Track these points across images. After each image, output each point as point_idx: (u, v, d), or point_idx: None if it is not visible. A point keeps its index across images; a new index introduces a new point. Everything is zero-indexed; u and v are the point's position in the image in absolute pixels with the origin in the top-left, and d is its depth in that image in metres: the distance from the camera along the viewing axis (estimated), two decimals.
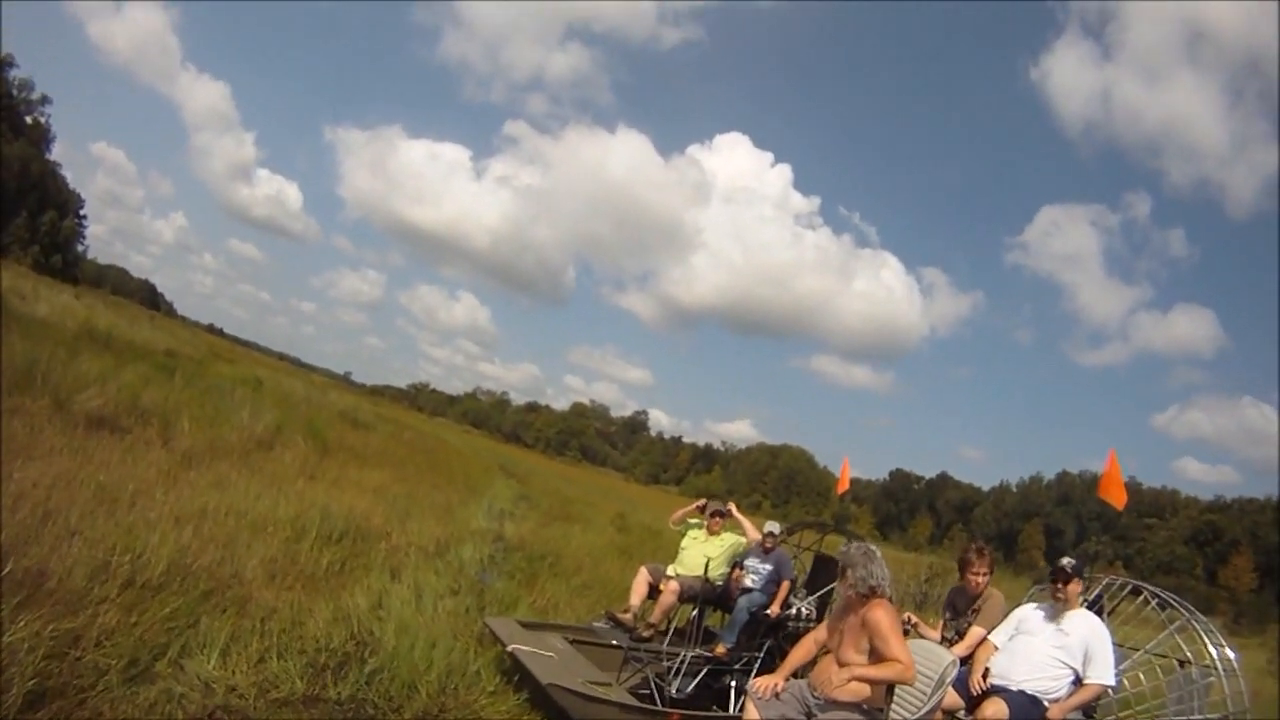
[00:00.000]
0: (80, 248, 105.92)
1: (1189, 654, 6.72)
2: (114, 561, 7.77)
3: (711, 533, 10.98)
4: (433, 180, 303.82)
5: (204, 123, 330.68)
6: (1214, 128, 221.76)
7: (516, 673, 8.73)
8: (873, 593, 5.62)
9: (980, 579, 7.47)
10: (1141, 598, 7.18)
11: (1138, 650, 7.01)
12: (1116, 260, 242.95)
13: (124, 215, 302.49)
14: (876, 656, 5.36)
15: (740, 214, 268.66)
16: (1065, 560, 6.79)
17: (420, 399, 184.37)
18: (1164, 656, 6.92)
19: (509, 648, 8.68)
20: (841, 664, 5.59)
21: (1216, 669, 6.46)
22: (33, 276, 42.44)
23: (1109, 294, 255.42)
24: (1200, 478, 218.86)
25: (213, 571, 8.88)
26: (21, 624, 5.83)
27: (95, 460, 11.34)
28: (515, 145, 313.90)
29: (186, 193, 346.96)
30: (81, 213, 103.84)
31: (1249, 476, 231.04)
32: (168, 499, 10.79)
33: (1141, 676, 6.98)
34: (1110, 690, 6.49)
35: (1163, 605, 6.99)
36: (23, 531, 7.54)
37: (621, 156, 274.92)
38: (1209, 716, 6.46)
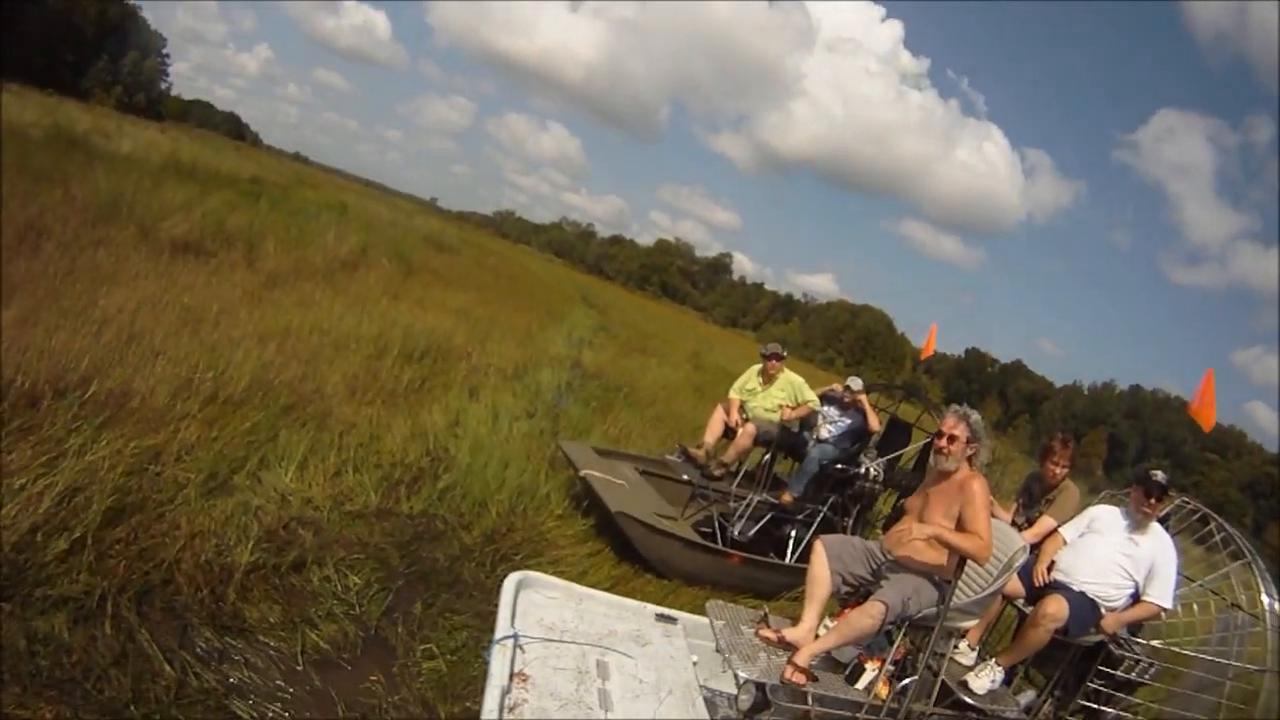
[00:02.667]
0: (164, 85, 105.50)
1: (1243, 599, 6.60)
2: (196, 378, 7.96)
3: (767, 379, 10.64)
4: (526, 9, 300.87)
5: None
6: None
7: (585, 498, 8.95)
8: (970, 461, 5.57)
9: (1060, 469, 7.32)
10: (1208, 529, 7.04)
11: (1195, 582, 6.91)
12: (1228, 182, 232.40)
13: (207, 51, 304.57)
14: (962, 527, 5.39)
15: (844, 65, 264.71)
16: (1160, 474, 6.61)
17: (505, 226, 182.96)
18: (1218, 594, 6.81)
19: (581, 472, 8.82)
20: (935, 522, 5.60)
21: (1265, 619, 6.34)
22: (116, 115, 42.33)
23: (1214, 214, 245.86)
24: (1269, 426, 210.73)
25: (294, 387, 9.06)
26: (104, 443, 6.00)
27: (180, 284, 11.46)
28: None
29: (271, 25, 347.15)
30: (164, 51, 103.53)
31: None
32: (252, 318, 10.97)
33: (1195, 608, 6.88)
34: (1163, 614, 6.48)
35: (1226, 542, 6.85)
36: (108, 354, 7.66)
37: None
38: (1247, 666, 6.37)
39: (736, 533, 9.53)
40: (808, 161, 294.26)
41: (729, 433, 10.33)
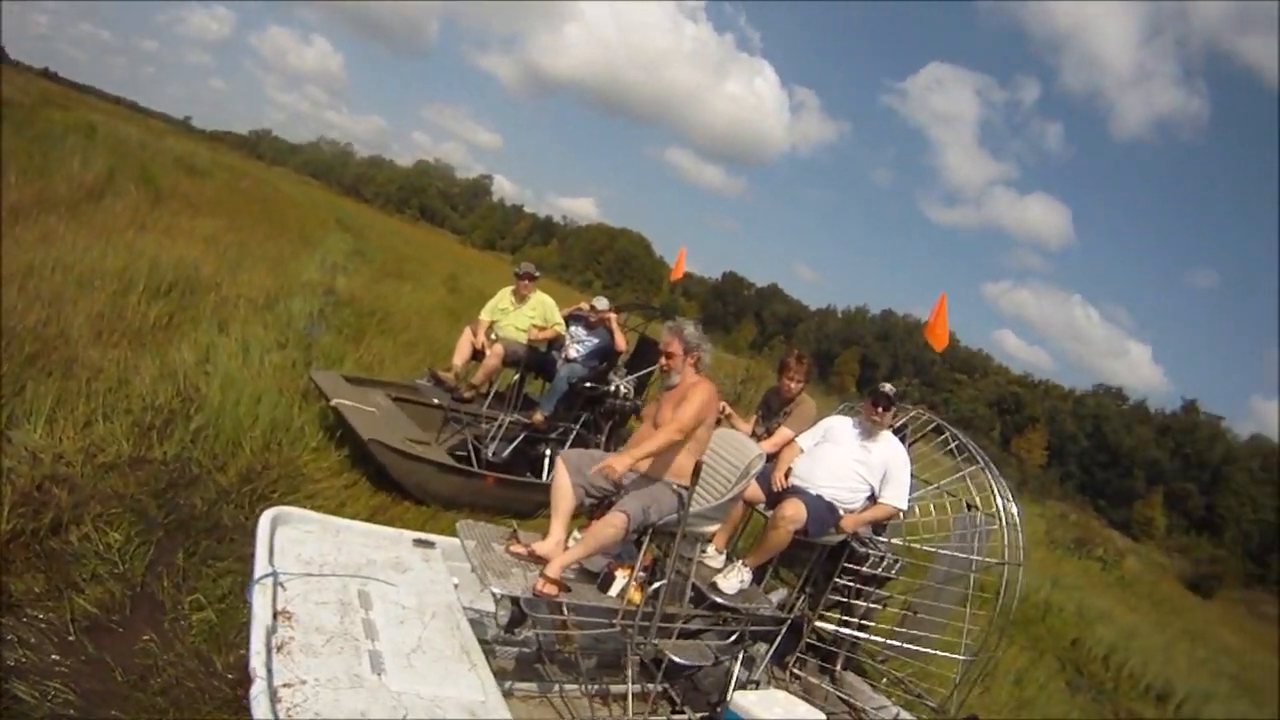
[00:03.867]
0: None
1: (977, 500, 7.06)
2: None
3: (520, 299, 11.02)
4: None
5: None
6: (1121, 49, 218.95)
7: (339, 428, 9.03)
8: (696, 366, 5.87)
9: (794, 384, 7.78)
10: (943, 438, 7.50)
11: (931, 485, 7.35)
12: (990, 132, 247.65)
13: None
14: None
15: None
16: (888, 386, 6.98)
17: (261, 146, 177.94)
18: (954, 496, 7.24)
19: (333, 402, 8.93)
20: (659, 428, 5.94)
21: (1000, 519, 6.82)
22: None
23: (974, 161, 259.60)
24: (1016, 353, 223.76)
25: (38, 333, 8.86)
26: None
27: None
28: None
29: None
30: None
31: (1061, 365, 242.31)
32: None
33: (932, 509, 7.27)
34: (901, 514, 6.93)
35: (960, 450, 7.29)
36: None
37: None
38: (987, 559, 6.89)
39: (490, 454, 9.87)
40: (577, 85, 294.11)
41: (479, 355, 10.60)
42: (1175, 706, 15.26)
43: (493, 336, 10.69)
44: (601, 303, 10.95)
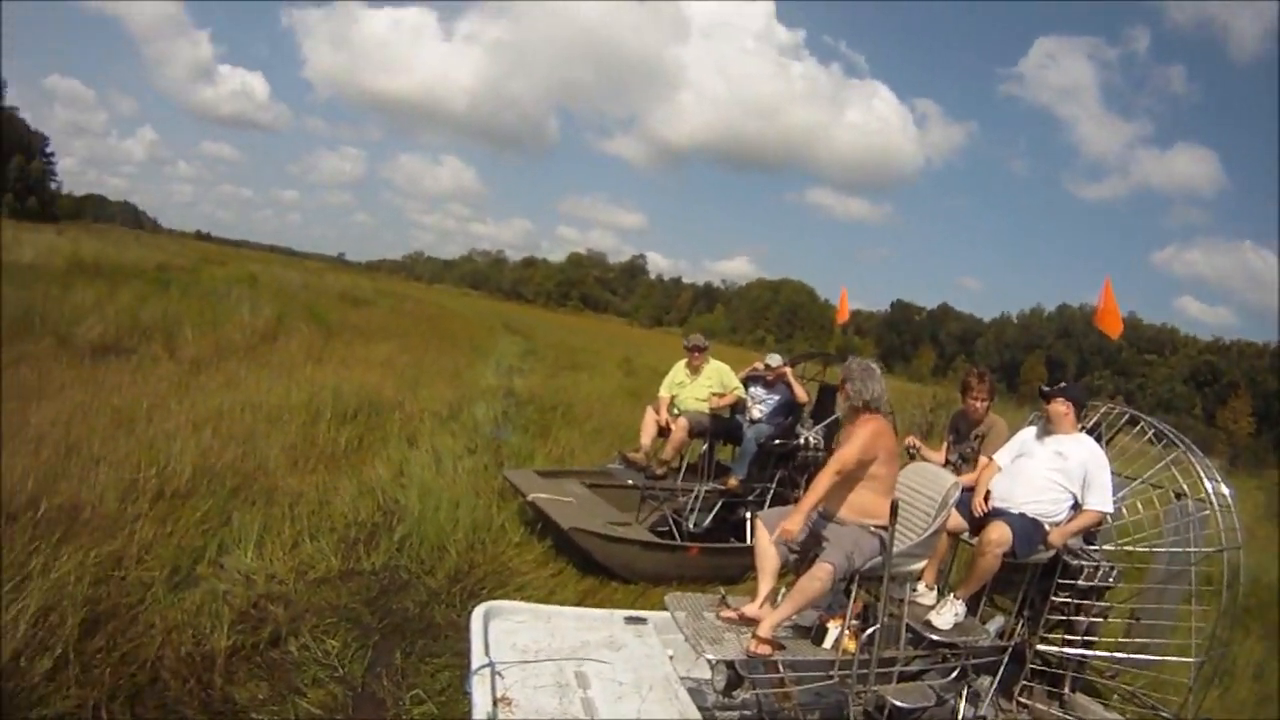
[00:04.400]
0: (53, 185, 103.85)
1: (1185, 487, 6.73)
2: (140, 478, 8.04)
3: (694, 370, 10.84)
4: (400, 47, 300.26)
5: (153, 31, 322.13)
6: None
7: (539, 521, 9.10)
8: (866, 407, 5.69)
9: (980, 404, 7.53)
10: (1139, 428, 7.20)
11: (1135, 480, 7.02)
12: (1115, 94, 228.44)
13: (91, 142, 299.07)
14: (865, 470, 5.61)
15: (721, 49, 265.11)
16: (1050, 386, 6.90)
17: (417, 268, 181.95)
18: (1160, 488, 6.89)
19: (529, 498, 8.96)
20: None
21: (1211, 503, 6.38)
22: (12, 224, 41.63)
23: (1107, 128, 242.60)
24: (1199, 317, 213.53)
25: (237, 468, 9.15)
26: (65, 557, 6.06)
27: (107, 386, 11.48)
28: (481, 1, 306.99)
29: (150, 106, 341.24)
30: (48, 150, 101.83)
31: (1247, 320, 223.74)
32: (182, 408, 10.98)
33: (1139, 506, 6.92)
34: (1109, 517, 6.56)
35: (1159, 437, 6.97)
36: (50, 470, 7.70)
37: None
38: (1204, 549, 6.53)
39: (691, 525, 9.74)
40: (702, 148, 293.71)
41: (664, 432, 10.49)
42: None
43: (675, 411, 10.65)
44: (774, 359, 10.78)
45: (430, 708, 5.72)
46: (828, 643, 5.49)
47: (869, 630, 5.38)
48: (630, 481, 10.19)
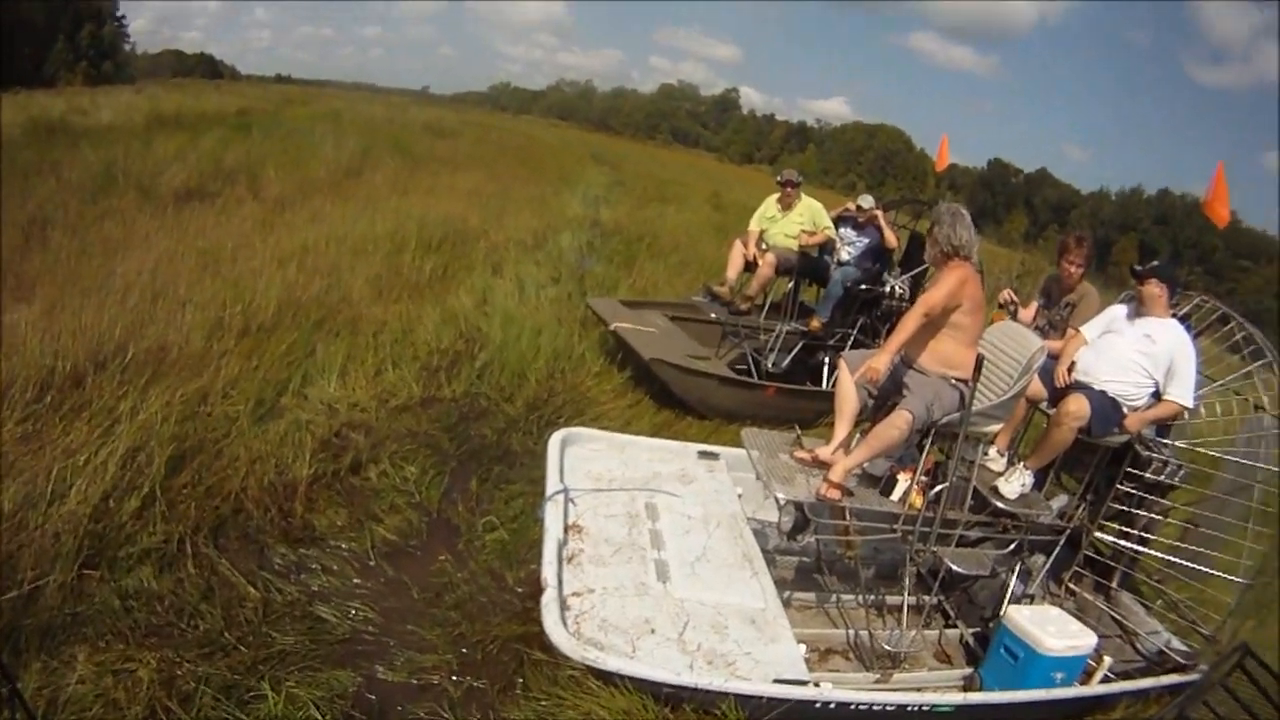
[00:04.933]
0: (127, 47, 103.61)
1: (1265, 400, 6.53)
2: (226, 315, 8.20)
3: (785, 206, 10.65)
4: None
5: None
6: None
7: (620, 351, 9.18)
8: (956, 252, 5.54)
9: (1075, 268, 7.30)
10: (1229, 327, 6.93)
11: (1216, 382, 6.82)
12: None
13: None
14: (950, 318, 5.57)
15: None
16: (1144, 264, 6.67)
17: (503, 99, 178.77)
18: (1241, 395, 6.72)
19: (611, 326, 8.98)
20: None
21: None
22: (89, 90, 41.68)
23: (1236, 9, 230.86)
24: None
25: (321, 300, 9.32)
26: (152, 399, 6.22)
27: (192, 230, 11.58)
28: None
29: None
30: (119, 15, 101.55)
31: None
32: (267, 245, 11.08)
33: (1217, 409, 6.76)
34: (1187, 413, 6.35)
35: (1248, 342, 6.74)
36: (137, 317, 7.82)
37: None
38: (1272, 468, 6.34)
39: (770, 365, 9.77)
40: None
41: (751, 267, 10.44)
42: None
43: (763, 246, 10.55)
44: (867, 201, 10.56)
45: (502, 534, 5.83)
46: (895, 495, 5.52)
47: (937, 488, 5.42)
48: (713, 316, 10.18)
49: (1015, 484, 6.03)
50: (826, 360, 10.05)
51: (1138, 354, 6.29)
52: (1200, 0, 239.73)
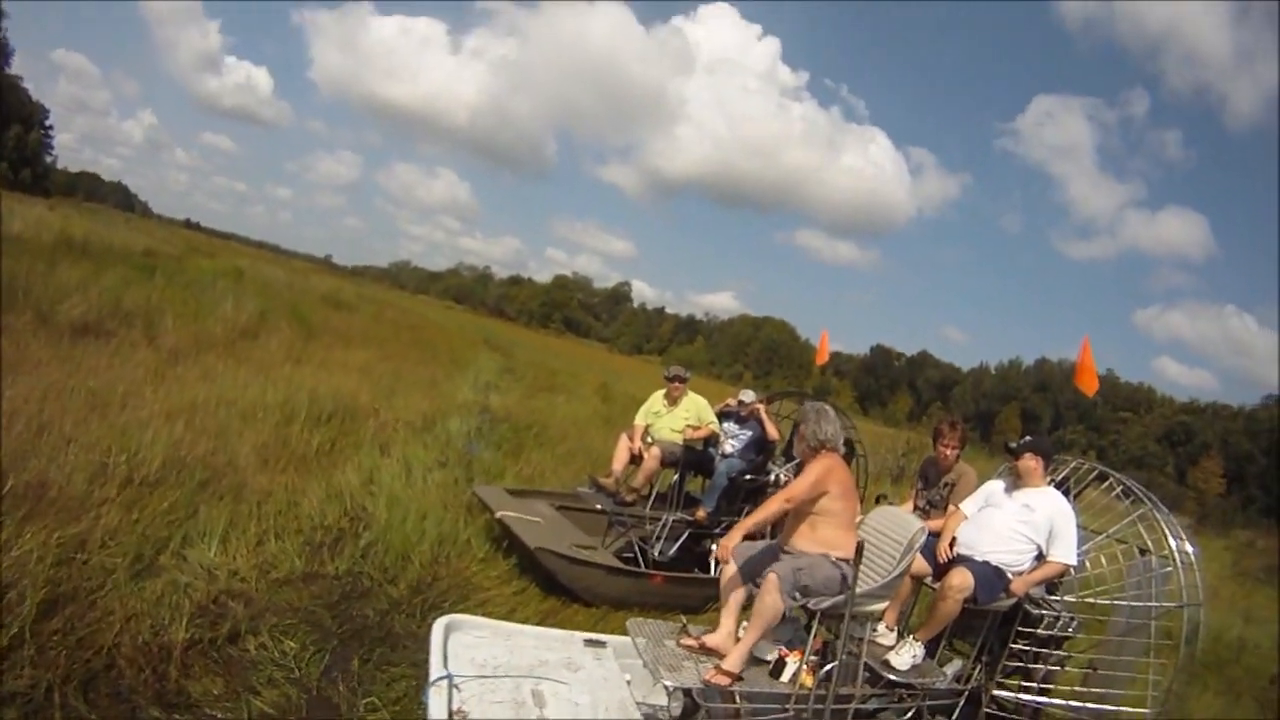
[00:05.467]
0: (49, 158, 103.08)
1: (1149, 543, 6.81)
2: (111, 463, 8.01)
3: (672, 401, 11.04)
4: (407, 56, 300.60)
5: (165, 16, 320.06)
6: (1216, 37, 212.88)
7: (505, 539, 9.12)
8: (822, 446, 5.88)
9: (950, 451, 7.70)
10: (1107, 484, 7.29)
11: (1100, 534, 7.12)
12: (1109, 156, 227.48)
13: (91, 120, 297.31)
14: (819, 505, 5.71)
15: (724, 85, 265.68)
16: (1012, 442, 6.92)
17: (402, 277, 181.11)
18: (1124, 543, 6.96)
19: (497, 514, 8.99)
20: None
21: (1175, 560, 6.44)
22: (3, 193, 41.51)
23: (1099, 188, 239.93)
24: (1178, 379, 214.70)
25: (207, 461, 9.12)
26: (28, 536, 6.05)
27: (84, 367, 11.47)
28: (491, 18, 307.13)
29: (154, 89, 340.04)
30: (47, 123, 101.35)
31: (1227, 384, 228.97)
32: (158, 396, 10.97)
33: (1103, 560, 6.95)
34: (1072, 569, 6.70)
35: (1127, 493, 7.05)
36: (20, 446, 7.70)
37: (601, 26, 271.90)
38: (1165, 604, 6.61)
39: (657, 553, 9.81)
40: (697, 182, 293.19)
41: (637, 460, 10.56)
42: None
43: (649, 440, 10.73)
44: (748, 395, 11.00)
45: (384, 716, 5.71)
46: (785, 676, 5.55)
47: (827, 666, 5.48)
48: (599, 506, 10.23)
49: (906, 656, 6.19)
50: (713, 549, 9.82)
51: (1018, 523, 6.57)
52: (1067, 181, 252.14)
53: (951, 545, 6.78)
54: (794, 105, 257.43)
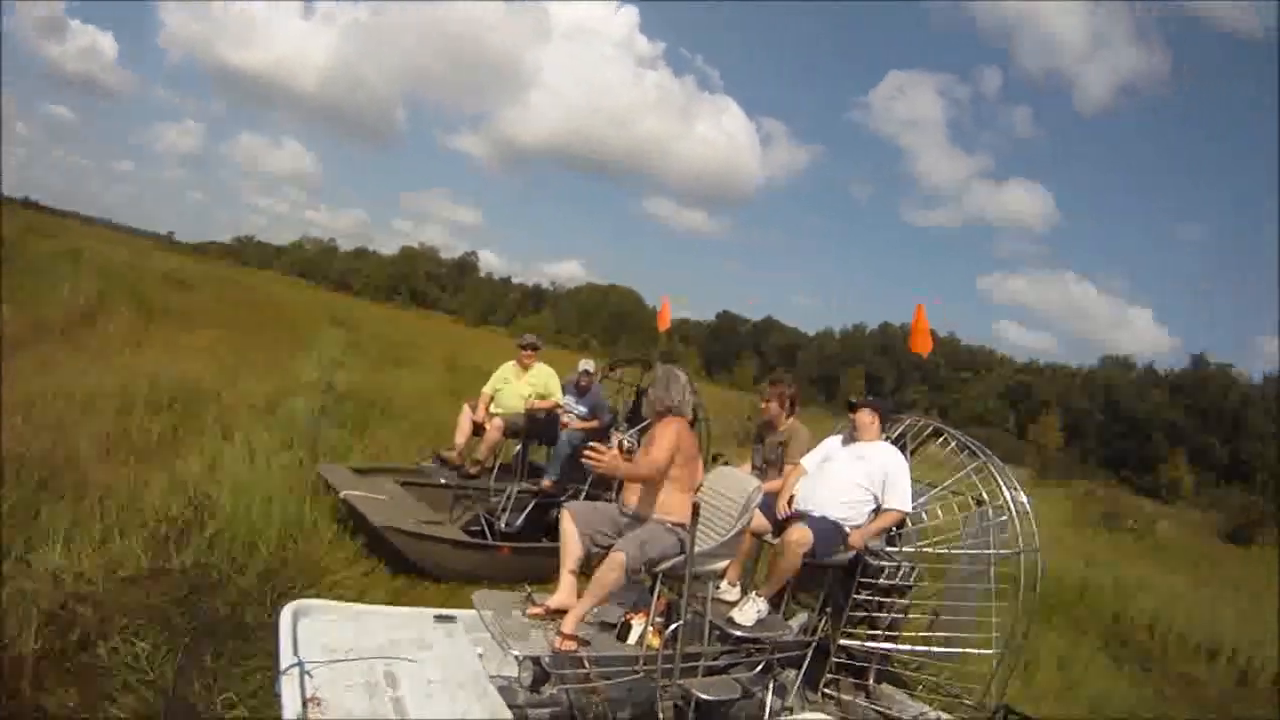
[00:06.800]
0: None
1: (985, 495, 7.09)
2: None
3: (523, 367, 11.24)
4: (258, 20, 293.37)
5: None
6: (1071, 20, 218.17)
7: (352, 519, 9.16)
8: (669, 411, 6.09)
9: (774, 406, 7.92)
10: (942, 439, 7.55)
11: (936, 487, 7.40)
12: (959, 130, 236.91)
13: None
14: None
15: (582, 54, 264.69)
16: (854, 398, 7.38)
17: (246, 252, 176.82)
18: (960, 495, 7.21)
19: (342, 495, 9.07)
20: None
21: (1010, 510, 6.82)
22: None
23: (948, 160, 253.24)
24: (1018, 341, 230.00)
25: (45, 459, 8.95)
26: None
27: None
28: None
29: None
30: None
31: (1066, 347, 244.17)
32: None
33: (940, 511, 7.22)
34: (909, 520, 7.01)
35: (963, 448, 7.35)
36: None
37: None
38: (1002, 551, 6.92)
39: (504, 525, 9.99)
40: (549, 150, 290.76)
41: (480, 431, 10.76)
42: (1226, 659, 15.13)
43: (493, 410, 10.92)
44: (588, 365, 11.30)
45: (242, 711, 5.78)
46: (632, 639, 5.76)
47: (672, 626, 5.65)
48: (443, 480, 10.39)
49: (750, 611, 6.37)
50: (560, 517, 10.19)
51: (854, 474, 6.85)
52: (917, 153, 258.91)
53: (790, 501, 7.05)
54: (649, 74, 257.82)
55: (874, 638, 6.87)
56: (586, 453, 5.76)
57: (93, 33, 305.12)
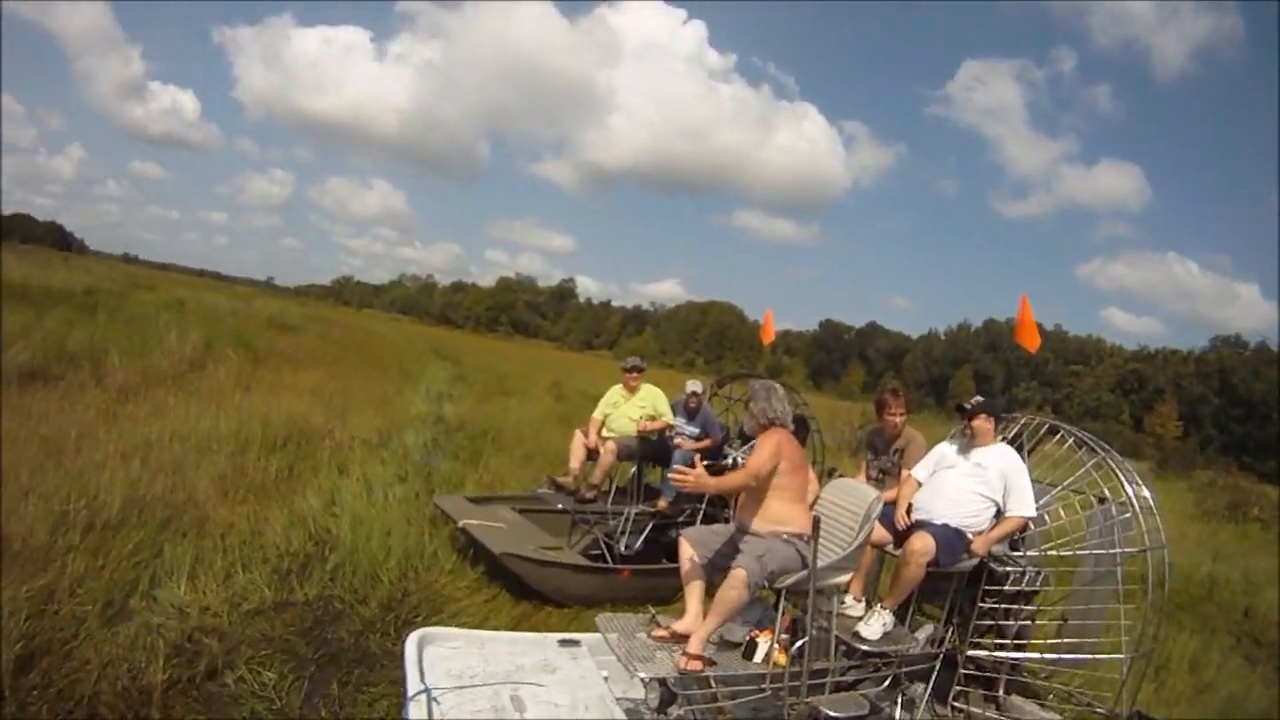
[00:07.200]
0: None
1: (1106, 491, 6.92)
2: (71, 510, 7.98)
3: (630, 390, 11.11)
4: (331, 67, 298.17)
5: (85, 46, 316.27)
6: None
7: (471, 548, 9.18)
8: (771, 423, 5.97)
9: (896, 419, 7.79)
10: (1058, 437, 7.36)
11: (1056, 487, 7.20)
12: (1041, 114, 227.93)
13: (19, 160, 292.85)
14: (771, 481, 5.79)
15: (653, 72, 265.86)
16: (967, 402, 7.00)
17: (345, 293, 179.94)
18: (1082, 493, 7.07)
19: (460, 524, 9.04)
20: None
21: (1133, 506, 6.55)
22: None
23: (1033, 147, 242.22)
24: (1126, 328, 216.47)
25: (167, 499, 9.10)
26: None
27: (34, 414, 11.39)
28: (413, 21, 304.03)
29: (80, 123, 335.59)
30: None
31: (1174, 329, 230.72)
32: (110, 437, 10.88)
33: (1062, 511, 7.05)
34: (1031, 523, 6.79)
35: (1080, 444, 7.15)
36: None
37: (525, 21, 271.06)
38: (1128, 550, 6.72)
39: (623, 548, 9.85)
40: (632, 171, 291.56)
41: (594, 456, 10.64)
42: None
43: (605, 434, 10.81)
44: (695, 386, 11.14)
45: None
46: (758, 657, 5.64)
47: (798, 643, 5.54)
48: (560, 506, 10.27)
49: (876, 625, 6.20)
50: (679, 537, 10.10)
51: (972, 482, 6.66)
52: (1000, 142, 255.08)
53: (908, 511, 6.86)
54: (723, 87, 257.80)
55: (1002, 646, 6.69)
56: (670, 475, 5.71)
57: (173, 91, 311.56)
